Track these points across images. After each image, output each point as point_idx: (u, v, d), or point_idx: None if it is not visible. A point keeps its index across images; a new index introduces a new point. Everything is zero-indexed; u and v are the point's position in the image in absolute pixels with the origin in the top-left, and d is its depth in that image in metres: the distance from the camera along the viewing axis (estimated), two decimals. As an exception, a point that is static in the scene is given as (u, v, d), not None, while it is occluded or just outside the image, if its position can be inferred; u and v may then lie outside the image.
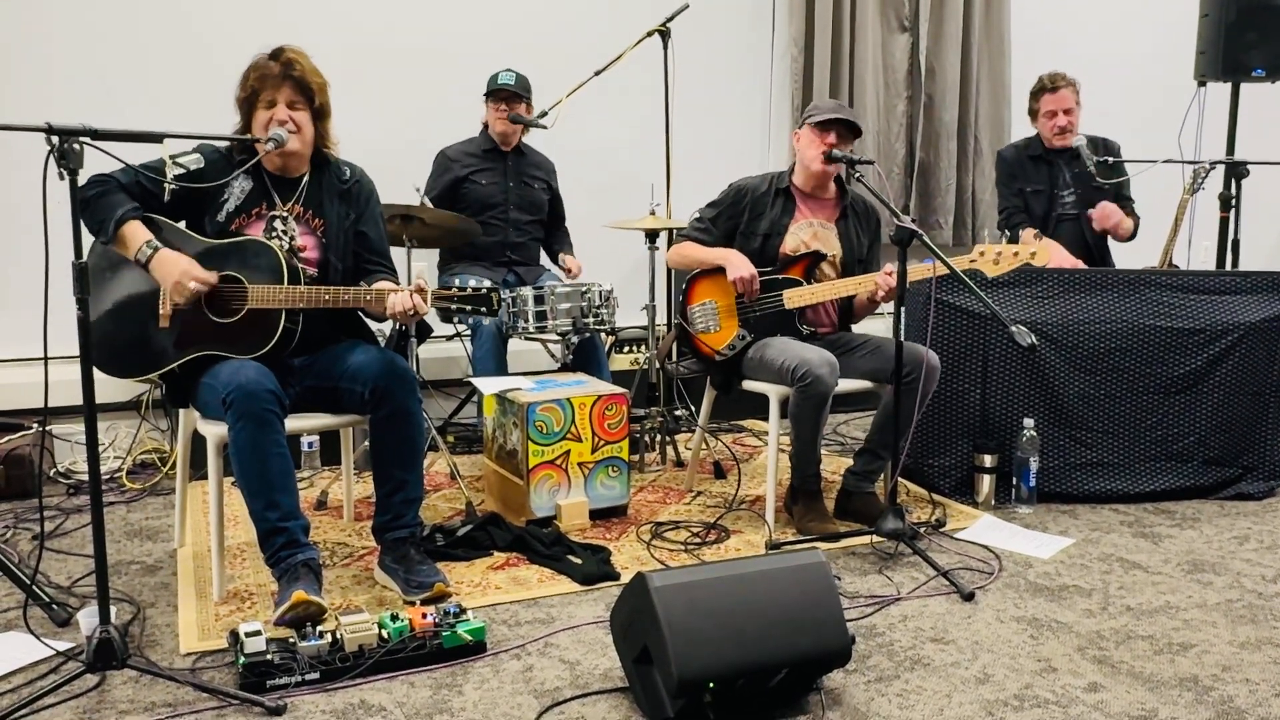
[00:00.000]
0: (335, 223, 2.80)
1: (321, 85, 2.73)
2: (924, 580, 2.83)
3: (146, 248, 2.56)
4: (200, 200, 2.69)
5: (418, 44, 4.50)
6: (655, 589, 2.02)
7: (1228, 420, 3.59)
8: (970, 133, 5.43)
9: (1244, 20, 4.33)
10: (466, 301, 2.64)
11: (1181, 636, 2.51)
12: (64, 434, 3.94)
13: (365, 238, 2.86)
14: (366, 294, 2.60)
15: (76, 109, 2.53)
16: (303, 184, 2.79)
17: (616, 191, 4.39)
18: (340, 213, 2.82)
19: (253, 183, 2.74)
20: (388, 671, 2.27)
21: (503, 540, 3.08)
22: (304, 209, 2.78)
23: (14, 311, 3.96)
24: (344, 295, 2.60)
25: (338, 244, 2.80)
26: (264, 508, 2.52)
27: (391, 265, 2.92)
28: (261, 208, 2.74)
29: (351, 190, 2.86)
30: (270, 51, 2.70)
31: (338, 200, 2.82)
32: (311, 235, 2.78)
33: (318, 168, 2.82)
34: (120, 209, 2.57)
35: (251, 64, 2.70)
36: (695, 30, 4.36)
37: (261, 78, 2.66)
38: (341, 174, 2.85)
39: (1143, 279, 3.63)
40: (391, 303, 2.57)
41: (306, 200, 2.79)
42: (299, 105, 2.69)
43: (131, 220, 2.58)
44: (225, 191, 2.71)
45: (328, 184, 2.82)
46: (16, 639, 2.43)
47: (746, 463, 4.05)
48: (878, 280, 3.13)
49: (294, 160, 2.76)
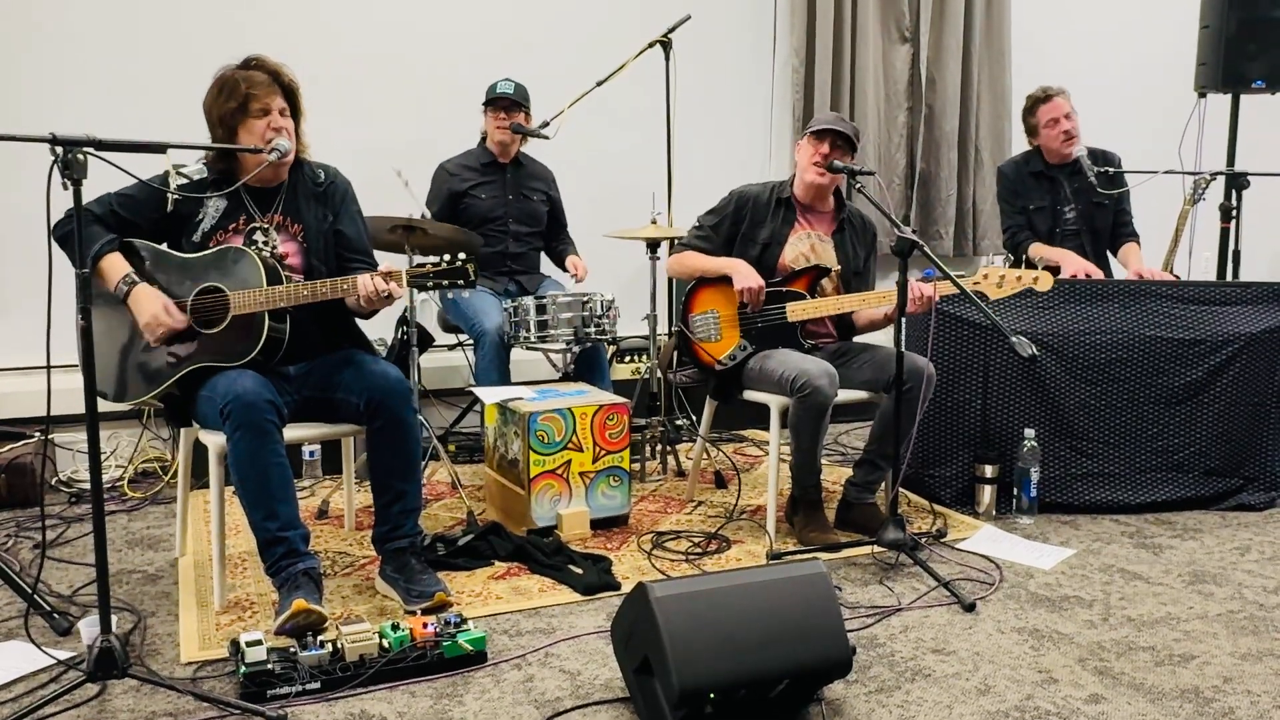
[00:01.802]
0: (314, 225, 2.79)
1: (300, 89, 2.73)
2: (925, 591, 2.83)
3: (123, 284, 2.59)
4: (175, 222, 2.70)
5: (418, 53, 4.52)
6: (656, 599, 2.02)
7: (1228, 431, 3.58)
8: (971, 143, 5.45)
9: (1244, 32, 4.34)
10: (443, 276, 2.62)
11: (1183, 648, 2.50)
12: (66, 443, 3.95)
13: (344, 236, 2.85)
14: (343, 284, 2.58)
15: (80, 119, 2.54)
16: (280, 192, 2.77)
17: (618, 201, 4.40)
18: (318, 215, 2.81)
19: (227, 199, 2.71)
20: (389, 681, 2.27)
21: (504, 550, 3.08)
22: (283, 217, 2.77)
23: (16, 320, 3.97)
24: (321, 288, 2.58)
25: (319, 247, 2.79)
26: (264, 517, 2.52)
27: (373, 261, 2.89)
28: (239, 222, 2.72)
29: (327, 191, 2.84)
30: (240, 62, 2.67)
31: (314, 203, 2.81)
32: (293, 241, 2.77)
33: (293, 172, 2.80)
34: (97, 242, 2.59)
35: (229, 75, 2.64)
36: (697, 41, 4.38)
37: (252, 86, 2.63)
38: (316, 176, 2.84)
39: (1143, 289, 3.63)
40: (361, 283, 2.54)
41: (285, 208, 2.77)
42: (286, 112, 2.69)
43: (109, 254, 2.61)
44: (200, 210, 2.70)
45: (303, 188, 2.80)
46: (17, 648, 2.43)
47: (747, 473, 4.05)
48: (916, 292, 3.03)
49: (283, 170, 2.75)
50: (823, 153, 3.26)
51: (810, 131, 3.30)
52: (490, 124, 4.11)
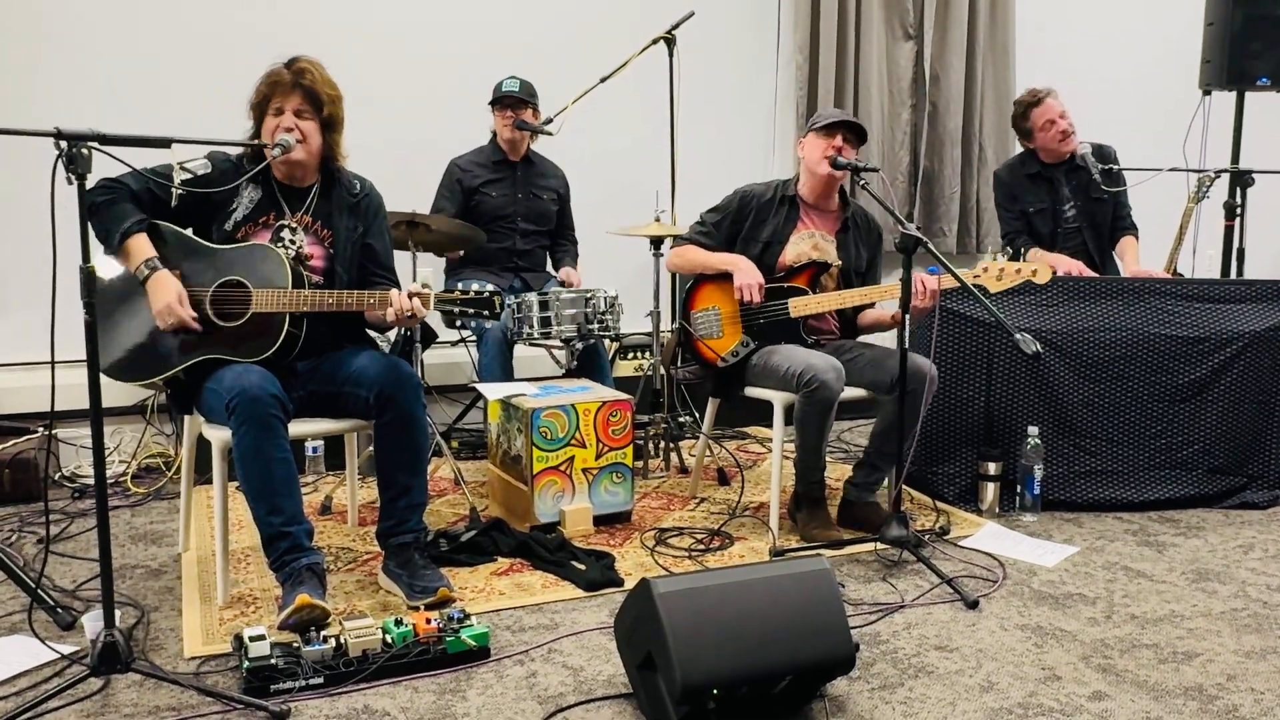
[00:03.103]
0: (344, 235, 2.82)
1: (333, 97, 2.74)
2: (928, 588, 2.83)
3: (145, 267, 2.59)
4: (209, 208, 2.71)
5: (424, 51, 4.52)
6: (659, 595, 2.02)
7: (1232, 429, 3.58)
8: (975, 141, 5.44)
9: (1249, 29, 4.33)
10: (469, 305, 2.66)
11: (1186, 645, 2.50)
12: (69, 438, 3.95)
13: (372, 250, 2.88)
14: (370, 297, 2.62)
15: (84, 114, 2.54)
16: (312, 194, 2.80)
17: (621, 198, 4.40)
18: (349, 226, 2.83)
19: (262, 192, 2.75)
20: (392, 676, 2.27)
21: (506, 546, 3.08)
22: (312, 220, 2.79)
23: (21, 315, 3.97)
24: (347, 299, 2.62)
25: (345, 255, 2.82)
26: (268, 512, 2.52)
27: (395, 279, 2.94)
28: (269, 217, 2.75)
29: (361, 204, 2.87)
30: (286, 60, 2.72)
31: (347, 213, 2.84)
32: (319, 245, 2.79)
33: (327, 180, 2.83)
34: (127, 220, 2.59)
35: (266, 71, 2.72)
36: (700, 38, 4.37)
37: (272, 85, 2.68)
38: (352, 188, 2.87)
39: (1148, 287, 3.63)
40: (392, 300, 2.59)
41: (315, 211, 2.80)
42: (307, 114, 2.70)
43: (136, 234, 2.61)
44: (235, 200, 2.73)
45: (337, 197, 2.83)
46: (21, 642, 2.43)
47: (750, 469, 4.05)
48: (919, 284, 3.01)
49: (299, 169, 2.76)
50: (836, 146, 3.24)
51: (817, 126, 3.29)
52: (498, 122, 4.13)
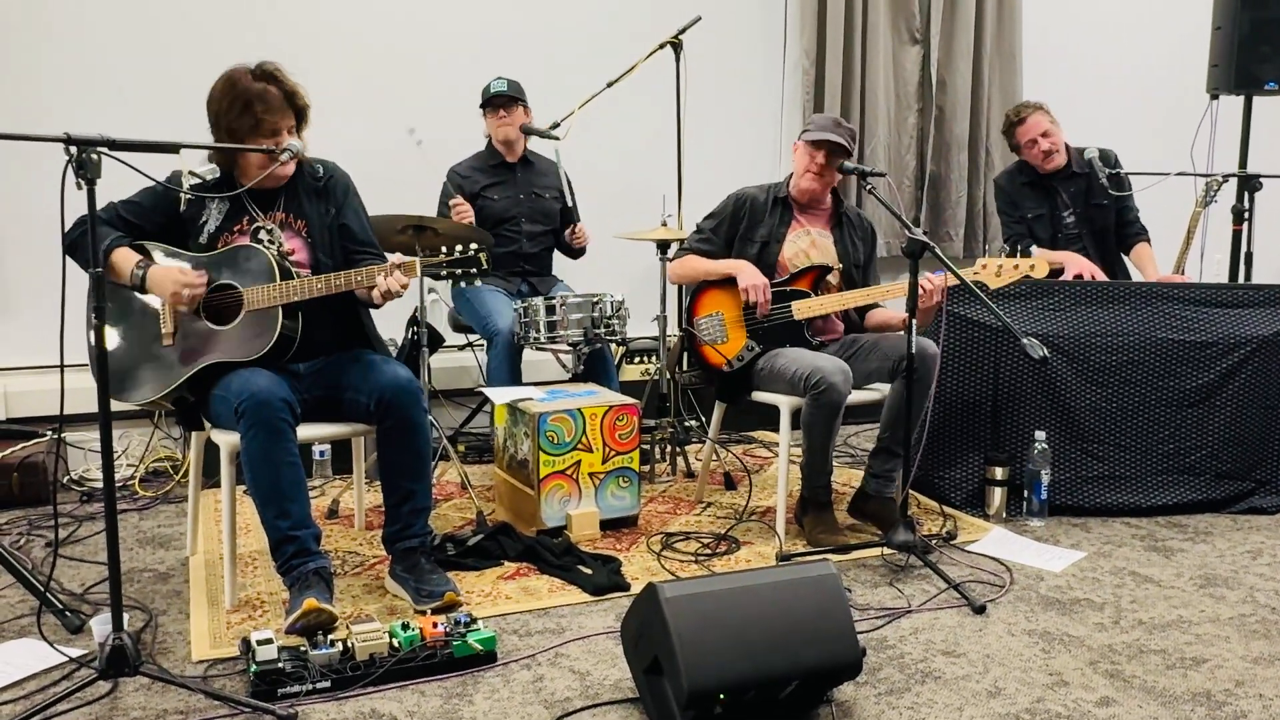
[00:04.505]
0: (317, 221, 2.81)
1: (310, 107, 2.73)
2: (935, 593, 2.83)
3: (136, 269, 2.61)
4: (178, 226, 2.73)
5: (426, 54, 4.53)
6: (666, 600, 2.02)
7: (1240, 434, 3.57)
8: (981, 145, 5.44)
9: (1257, 33, 4.32)
10: (455, 265, 2.65)
11: (1194, 651, 2.49)
12: (77, 441, 3.97)
13: (348, 229, 2.86)
14: (356, 275, 2.60)
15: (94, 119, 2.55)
16: (281, 191, 2.79)
17: (628, 202, 4.40)
18: (320, 210, 2.83)
19: (229, 201, 2.74)
20: (398, 680, 2.28)
21: (513, 550, 3.08)
22: (286, 214, 2.79)
23: (30, 320, 3.99)
24: (335, 281, 2.60)
25: (323, 241, 2.81)
26: (275, 516, 2.53)
27: (379, 251, 2.91)
28: (243, 223, 2.75)
29: (327, 186, 2.86)
30: (254, 68, 2.65)
31: (315, 198, 2.83)
32: (298, 238, 2.79)
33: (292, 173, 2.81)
34: (107, 239, 2.63)
35: (242, 86, 2.59)
36: (707, 43, 4.39)
37: (267, 109, 2.60)
38: (315, 172, 2.85)
39: (1155, 292, 3.62)
40: (376, 275, 2.57)
41: (286, 205, 2.79)
42: (294, 130, 2.71)
43: (119, 247, 2.64)
44: (203, 213, 2.73)
45: (304, 185, 2.82)
46: (30, 645, 2.44)
47: (757, 474, 4.05)
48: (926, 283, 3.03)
49: (284, 175, 2.75)
50: (819, 163, 3.31)
51: (807, 139, 3.33)
52: (491, 124, 4.14)
